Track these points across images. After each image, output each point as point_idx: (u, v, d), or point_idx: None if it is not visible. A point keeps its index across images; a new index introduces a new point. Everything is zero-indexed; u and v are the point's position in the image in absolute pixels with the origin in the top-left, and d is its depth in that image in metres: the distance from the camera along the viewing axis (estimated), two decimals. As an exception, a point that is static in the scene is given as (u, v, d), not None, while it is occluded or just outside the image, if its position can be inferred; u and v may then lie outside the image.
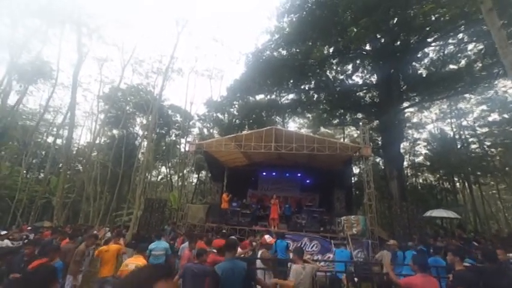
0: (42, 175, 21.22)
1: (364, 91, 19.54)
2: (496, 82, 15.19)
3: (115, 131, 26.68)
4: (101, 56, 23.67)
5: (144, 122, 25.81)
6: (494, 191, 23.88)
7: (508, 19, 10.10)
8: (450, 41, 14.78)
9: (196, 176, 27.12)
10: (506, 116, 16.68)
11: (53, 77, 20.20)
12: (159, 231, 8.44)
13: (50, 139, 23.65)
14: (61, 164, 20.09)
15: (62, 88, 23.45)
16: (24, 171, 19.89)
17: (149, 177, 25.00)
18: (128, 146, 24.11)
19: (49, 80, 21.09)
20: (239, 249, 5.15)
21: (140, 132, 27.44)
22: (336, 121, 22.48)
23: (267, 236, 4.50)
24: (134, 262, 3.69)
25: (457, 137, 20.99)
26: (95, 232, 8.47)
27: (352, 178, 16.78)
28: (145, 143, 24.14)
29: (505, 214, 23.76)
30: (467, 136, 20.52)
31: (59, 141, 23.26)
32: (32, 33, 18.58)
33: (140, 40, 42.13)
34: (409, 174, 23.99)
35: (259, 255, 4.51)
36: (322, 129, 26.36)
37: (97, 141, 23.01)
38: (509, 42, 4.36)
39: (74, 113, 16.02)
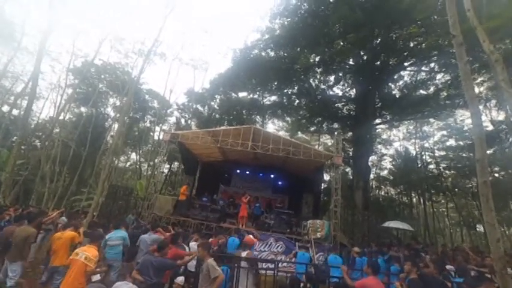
0: (-10, 147, 18.94)
1: (343, 103, 20.44)
2: (456, 112, 16.88)
3: (83, 109, 24.69)
4: (76, 25, 21.82)
5: (118, 103, 24.28)
6: (443, 209, 26.48)
7: (473, 56, 11.24)
8: (423, 68, 16.10)
9: (168, 166, 26.22)
10: (461, 143, 18.57)
11: (15, 40, 18.11)
12: (119, 220, 8.00)
13: (6, 108, 21.21)
14: (15, 137, 18.14)
15: (25, 53, 21.09)
16: (-31, 141, 17.60)
17: (116, 162, 23.58)
18: (97, 126, 22.45)
19: (11, 43, 18.86)
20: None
21: (112, 114, 25.74)
22: (313, 128, 23.21)
23: (250, 236, 4.52)
24: (85, 252, 3.45)
25: (418, 156, 22.87)
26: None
27: (322, 184, 17.48)
28: (116, 126, 22.77)
29: (450, 230, 26.46)
30: (427, 157, 22.50)
31: (15, 111, 20.95)
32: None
33: (123, 16, 39.42)
34: (373, 186, 25.59)
35: (244, 255, 4.56)
36: (300, 134, 27.13)
37: (61, 117, 21.12)
38: (472, 77, 4.86)
39: (37, 82, 14.47)
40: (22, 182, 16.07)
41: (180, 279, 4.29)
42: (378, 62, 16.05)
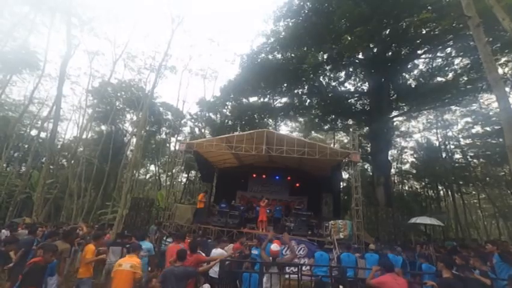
0: (23, 169, 20.37)
1: (356, 98, 19.91)
2: (480, 96, 15.85)
3: (103, 127, 25.98)
4: (92, 49, 23.07)
5: (134, 118, 25.29)
6: (475, 200, 24.81)
7: (493, 36, 10.56)
8: (439, 54, 15.33)
9: (186, 175, 26.78)
10: (488, 128, 17.38)
11: (39, 68, 19.47)
12: (144, 231, 8.25)
13: (34, 132, 22.77)
14: (44, 159, 19.34)
15: (49, 80, 22.66)
16: (4, 165, 19.03)
17: (137, 175, 24.46)
18: (116, 142, 23.49)
19: (35, 71, 20.31)
20: (222, 251, 5.13)
21: (130, 129, 26.86)
22: (327, 126, 22.77)
23: (273, 246, 4.30)
24: (129, 262, 3.62)
25: (442, 147, 21.69)
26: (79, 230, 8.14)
27: (341, 183, 17.02)
28: (134, 140, 23.68)
29: (484, 223, 24.71)
30: (452, 146, 21.26)
31: (43, 134, 22.42)
32: (18, 20, 17.88)
33: (134, 35, 41.33)
34: (395, 181, 24.56)
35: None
36: (314, 133, 26.70)
37: (84, 136, 22.33)
38: (493, 58, 4.56)
39: (60, 105, 15.47)
40: (52, 200, 17.05)
41: (206, 287, 4.32)
42: (389, 53, 15.52)
